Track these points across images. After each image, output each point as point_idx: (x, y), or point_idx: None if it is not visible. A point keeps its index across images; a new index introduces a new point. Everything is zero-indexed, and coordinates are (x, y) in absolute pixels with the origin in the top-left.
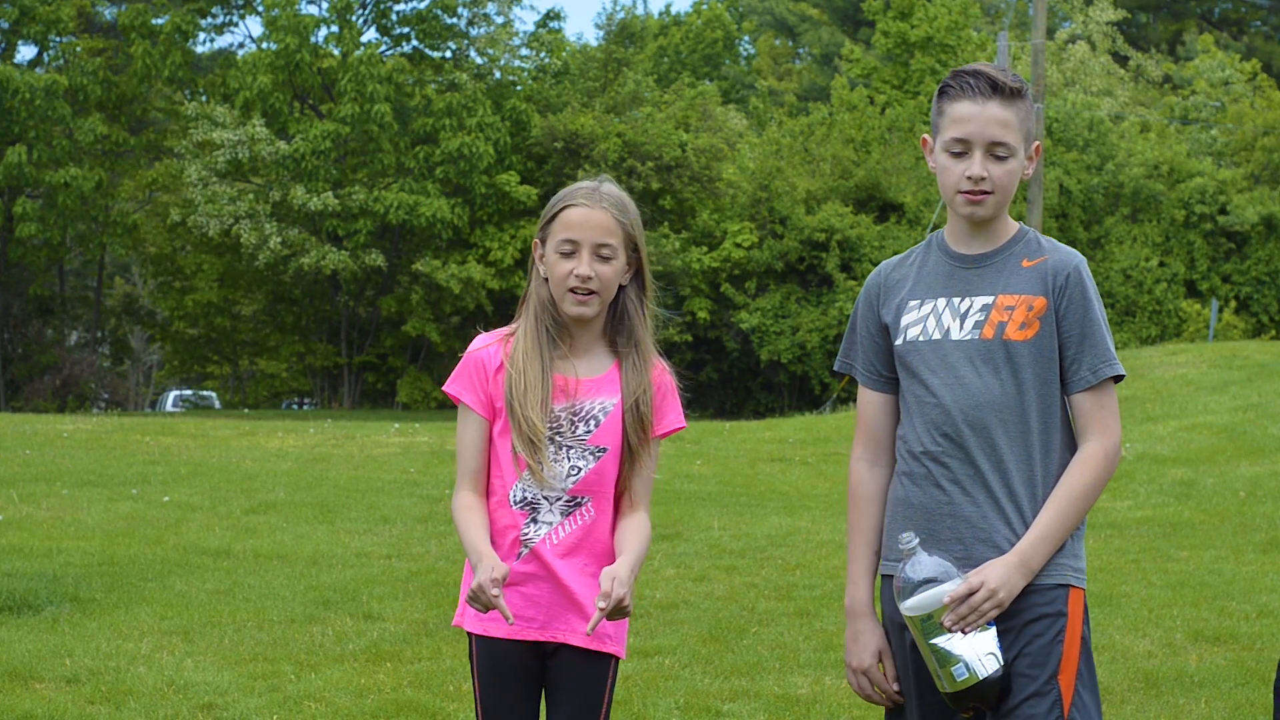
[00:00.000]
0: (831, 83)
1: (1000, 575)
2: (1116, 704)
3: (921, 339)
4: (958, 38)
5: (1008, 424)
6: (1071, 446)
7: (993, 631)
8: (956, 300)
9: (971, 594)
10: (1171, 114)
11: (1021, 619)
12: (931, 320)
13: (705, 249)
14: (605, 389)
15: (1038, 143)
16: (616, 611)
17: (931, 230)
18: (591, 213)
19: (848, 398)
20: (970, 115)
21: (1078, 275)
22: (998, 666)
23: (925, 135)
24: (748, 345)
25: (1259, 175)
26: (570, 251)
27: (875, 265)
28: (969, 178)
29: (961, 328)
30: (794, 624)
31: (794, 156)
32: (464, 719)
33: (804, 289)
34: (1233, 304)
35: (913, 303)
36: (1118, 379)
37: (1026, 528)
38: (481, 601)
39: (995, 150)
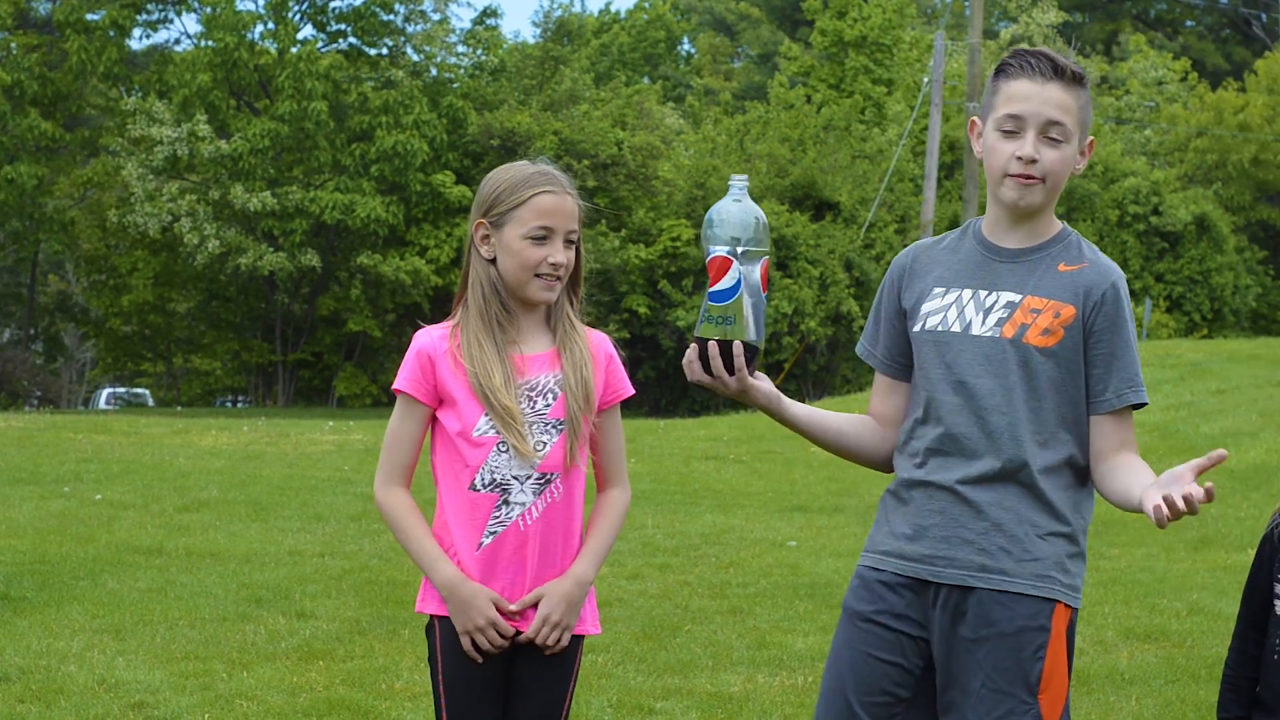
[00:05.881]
0: (769, 81)
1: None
2: None
3: (940, 329)
4: (892, 37)
5: (1014, 429)
6: (1072, 462)
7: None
8: (983, 293)
9: None
10: (1106, 114)
11: (998, 629)
12: (954, 311)
13: (642, 246)
14: (554, 363)
15: (1091, 139)
16: (550, 629)
17: (866, 230)
18: (563, 200)
19: (786, 394)
20: (1028, 94)
21: (1114, 293)
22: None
23: (974, 118)
24: (683, 343)
25: (1192, 176)
26: (544, 238)
27: (811, 264)
28: (1019, 158)
29: (983, 323)
30: (727, 622)
31: (730, 155)
32: (396, 717)
33: None
34: (1165, 303)
35: (937, 290)
36: (1139, 406)
37: (1021, 529)
38: (488, 639)
39: (1050, 132)
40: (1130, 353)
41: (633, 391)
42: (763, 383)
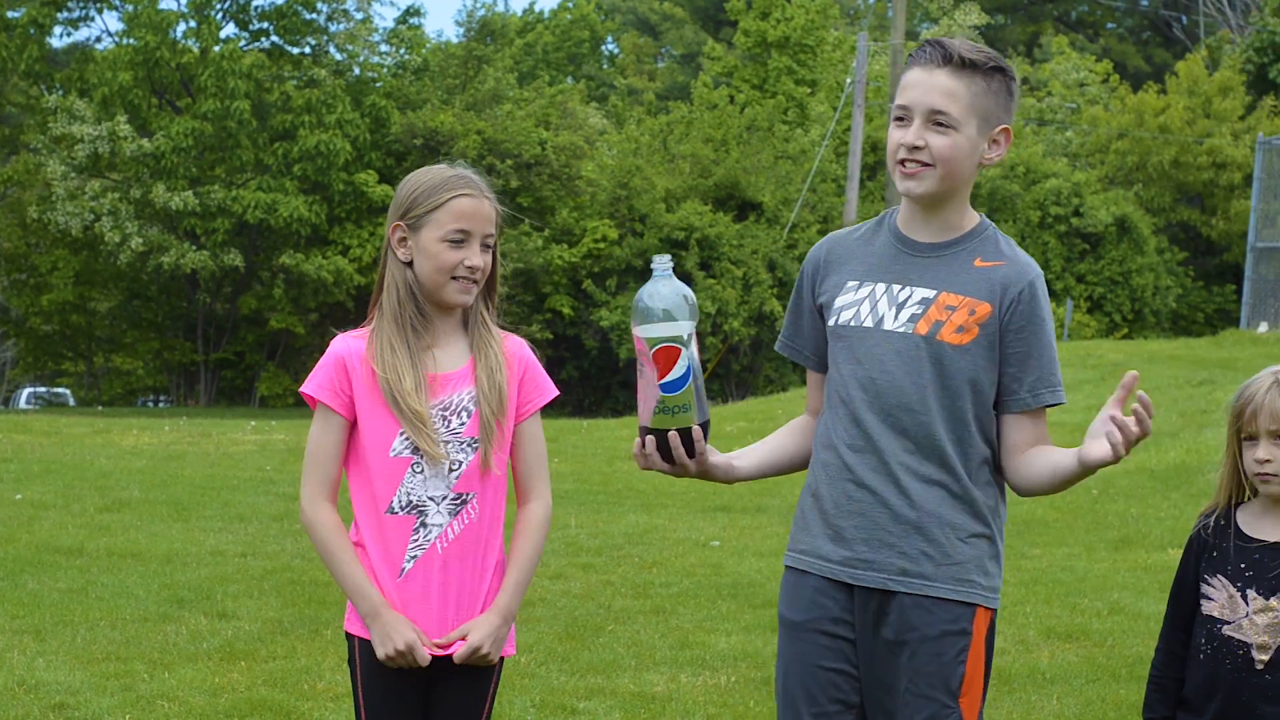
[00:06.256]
0: (693, 82)
1: None
2: None
3: (853, 324)
4: (815, 38)
5: (927, 427)
6: (989, 462)
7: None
8: (896, 288)
9: None
10: (1028, 116)
11: (920, 633)
12: (867, 305)
13: (565, 246)
14: (468, 379)
15: (1004, 127)
16: (477, 659)
17: (789, 230)
18: (481, 204)
19: (709, 395)
20: (916, 82)
21: (1031, 291)
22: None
23: None
24: (606, 343)
25: (1113, 177)
26: (461, 241)
27: (734, 264)
28: (903, 144)
29: (896, 318)
30: (650, 622)
31: (653, 155)
32: (318, 718)
33: None
34: (1086, 304)
35: (851, 284)
36: (1053, 406)
37: (941, 532)
38: (407, 662)
39: (936, 118)
40: (1048, 352)
41: (556, 394)
42: (715, 456)
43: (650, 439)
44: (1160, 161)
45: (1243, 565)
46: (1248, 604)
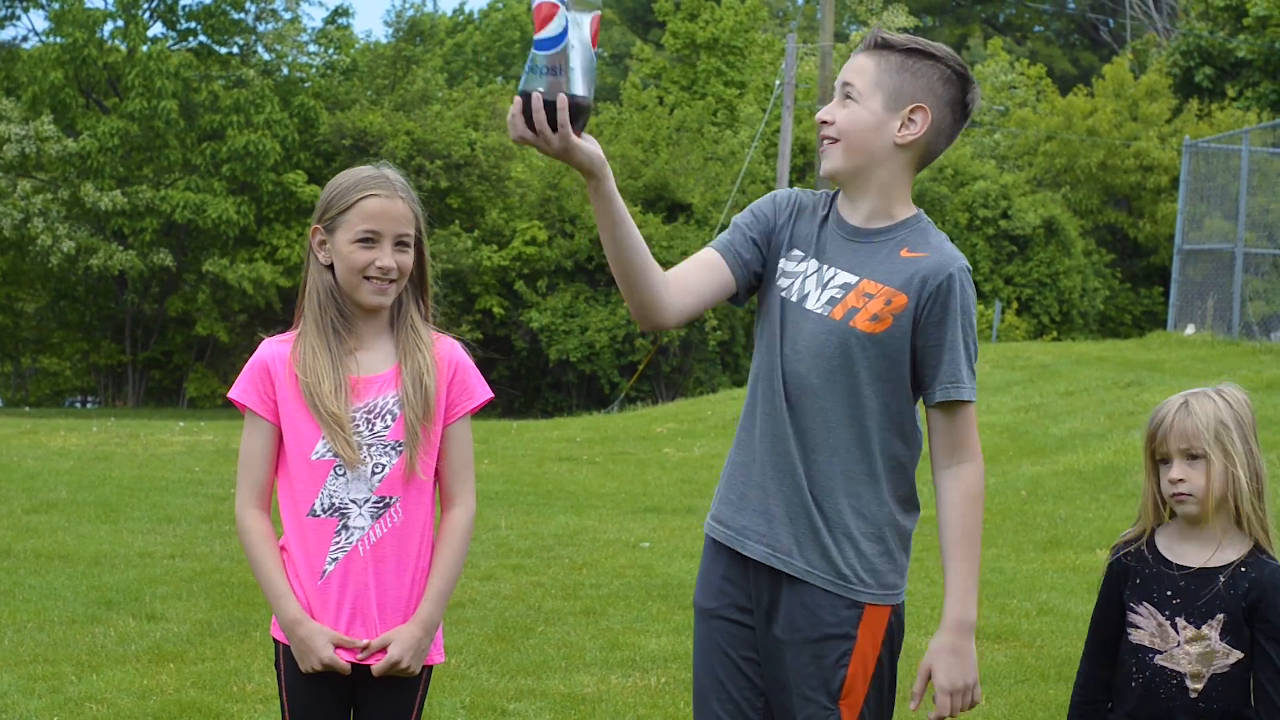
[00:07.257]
0: (621, 83)
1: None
2: (898, 701)
3: (784, 296)
4: (744, 39)
5: (827, 414)
6: (889, 454)
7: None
8: (825, 268)
9: None
10: None
11: (803, 634)
12: (799, 280)
13: (495, 247)
14: (394, 382)
15: (919, 104)
16: (397, 671)
17: (719, 232)
18: (392, 203)
19: (636, 397)
20: (844, 68)
21: (949, 285)
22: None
23: None
24: (536, 344)
25: (1041, 179)
26: (372, 242)
27: (665, 265)
28: (818, 121)
29: (818, 299)
30: (580, 623)
31: None
32: (247, 719)
33: (593, 288)
34: (1015, 305)
35: (797, 252)
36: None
37: (825, 523)
38: (325, 667)
39: (844, 92)
40: (957, 347)
41: (490, 396)
42: (590, 144)
43: (518, 100)
44: (1088, 164)
45: (1169, 593)
46: (1178, 633)
